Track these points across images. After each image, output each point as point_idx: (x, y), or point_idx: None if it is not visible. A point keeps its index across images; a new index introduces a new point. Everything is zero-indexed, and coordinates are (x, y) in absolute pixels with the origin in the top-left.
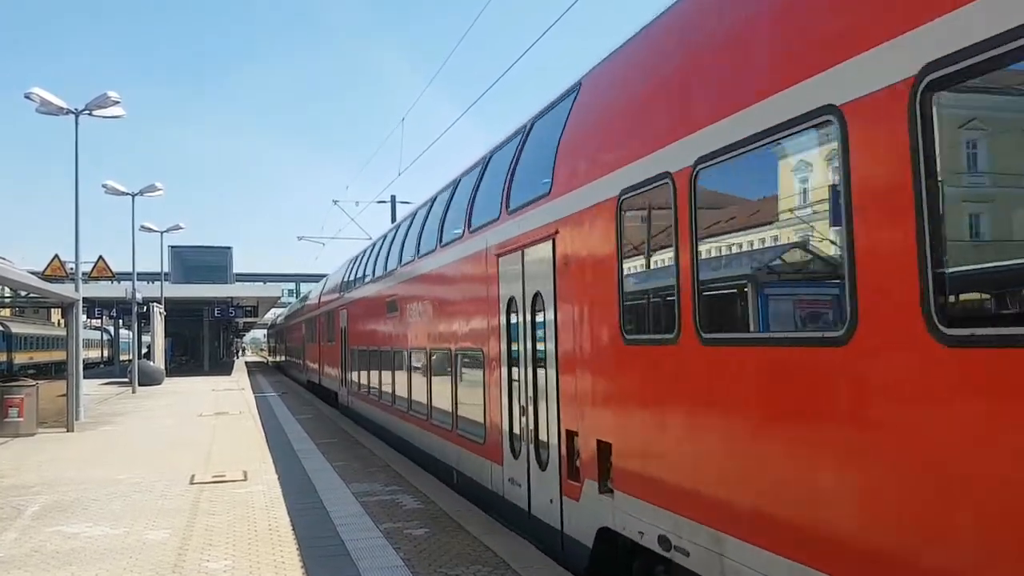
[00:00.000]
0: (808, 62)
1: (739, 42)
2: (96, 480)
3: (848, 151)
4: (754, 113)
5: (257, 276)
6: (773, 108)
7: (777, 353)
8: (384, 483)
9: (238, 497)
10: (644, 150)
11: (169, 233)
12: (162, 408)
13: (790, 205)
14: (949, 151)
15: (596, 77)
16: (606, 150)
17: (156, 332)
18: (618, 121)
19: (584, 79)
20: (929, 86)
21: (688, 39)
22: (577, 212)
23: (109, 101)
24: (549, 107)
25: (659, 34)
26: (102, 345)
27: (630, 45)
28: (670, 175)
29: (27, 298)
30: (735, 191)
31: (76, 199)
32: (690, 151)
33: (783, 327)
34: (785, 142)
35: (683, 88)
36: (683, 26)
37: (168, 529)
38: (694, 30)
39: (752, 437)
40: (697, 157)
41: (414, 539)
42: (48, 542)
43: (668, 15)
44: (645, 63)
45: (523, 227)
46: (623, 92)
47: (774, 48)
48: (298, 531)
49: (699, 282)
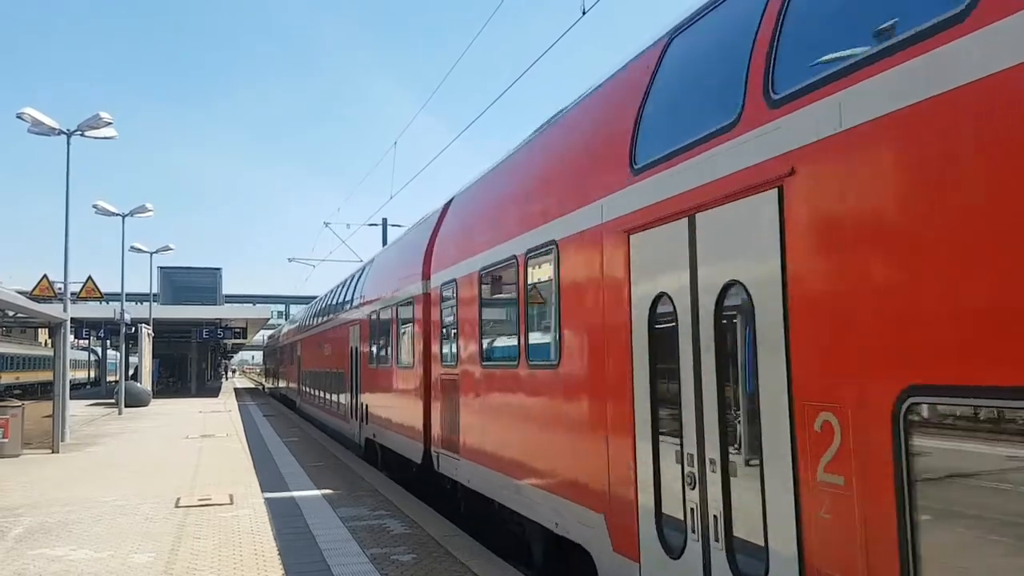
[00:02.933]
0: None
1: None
2: (81, 502)
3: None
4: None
5: (247, 298)
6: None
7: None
8: (371, 507)
9: (224, 521)
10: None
11: (159, 254)
12: (149, 430)
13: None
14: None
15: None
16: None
17: (144, 353)
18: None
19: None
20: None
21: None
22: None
23: (101, 122)
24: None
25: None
26: (89, 366)
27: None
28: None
29: (15, 318)
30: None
31: (67, 219)
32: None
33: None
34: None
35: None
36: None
37: (153, 553)
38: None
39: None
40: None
41: (401, 565)
42: (31, 565)
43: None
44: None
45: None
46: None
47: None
48: (284, 556)
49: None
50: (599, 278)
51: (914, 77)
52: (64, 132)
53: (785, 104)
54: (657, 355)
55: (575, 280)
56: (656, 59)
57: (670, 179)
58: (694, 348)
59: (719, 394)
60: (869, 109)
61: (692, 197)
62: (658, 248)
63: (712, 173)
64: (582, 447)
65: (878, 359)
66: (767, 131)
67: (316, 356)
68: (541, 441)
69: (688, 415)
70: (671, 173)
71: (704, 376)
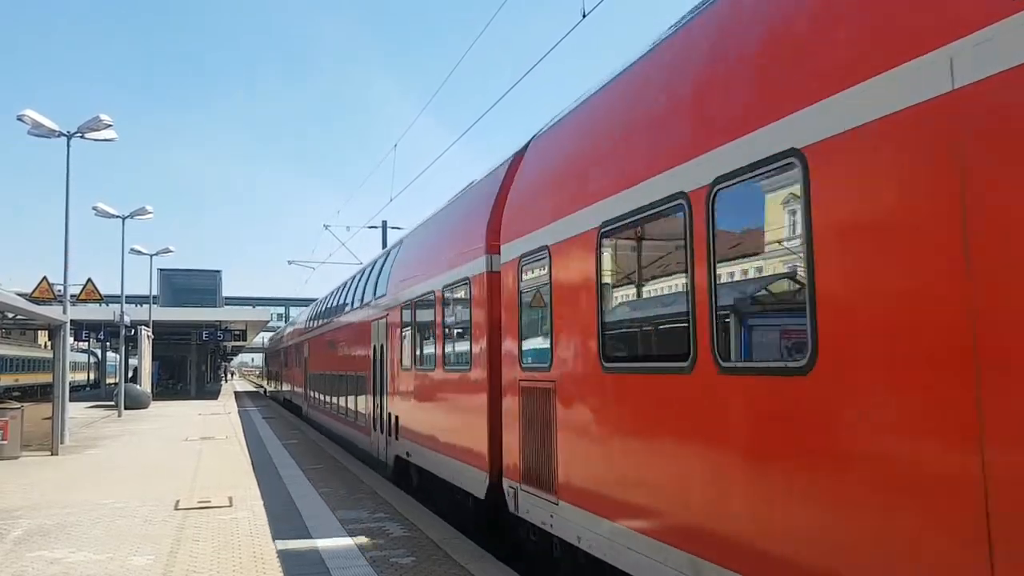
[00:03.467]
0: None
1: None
2: (80, 504)
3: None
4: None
5: (246, 300)
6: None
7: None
8: (371, 510)
9: (223, 523)
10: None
11: (158, 256)
12: (148, 432)
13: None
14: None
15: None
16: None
17: (143, 355)
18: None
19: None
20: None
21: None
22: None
23: (101, 124)
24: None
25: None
26: (88, 368)
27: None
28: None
29: (14, 320)
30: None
31: (67, 221)
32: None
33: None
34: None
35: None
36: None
37: (152, 555)
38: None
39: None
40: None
41: (400, 568)
42: (30, 567)
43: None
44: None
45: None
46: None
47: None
48: (283, 559)
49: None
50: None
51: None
52: (64, 134)
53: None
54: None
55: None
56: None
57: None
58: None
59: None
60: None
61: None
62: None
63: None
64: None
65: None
66: None
67: (328, 357)
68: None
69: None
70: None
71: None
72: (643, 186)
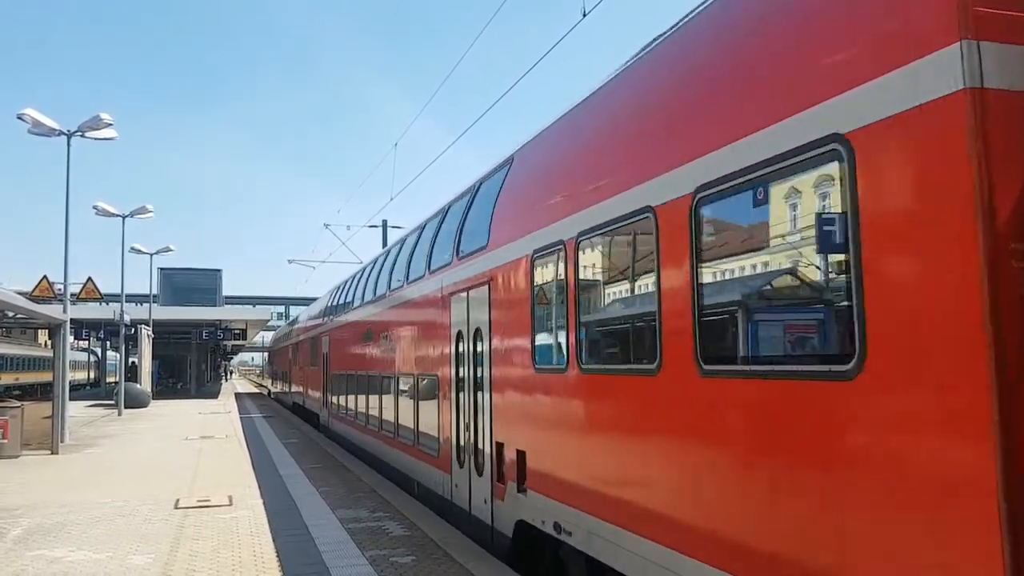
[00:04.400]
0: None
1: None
2: (80, 503)
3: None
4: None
5: (247, 299)
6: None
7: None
8: (370, 509)
9: (223, 522)
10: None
11: (159, 255)
12: (148, 431)
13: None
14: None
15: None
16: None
17: (143, 354)
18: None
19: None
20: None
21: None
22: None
23: (101, 123)
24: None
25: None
26: (88, 366)
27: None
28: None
29: (14, 319)
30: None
31: (67, 220)
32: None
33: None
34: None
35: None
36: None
37: (152, 554)
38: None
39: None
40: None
41: (400, 567)
42: (30, 566)
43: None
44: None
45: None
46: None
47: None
48: (283, 558)
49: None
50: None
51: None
52: (64, 133)
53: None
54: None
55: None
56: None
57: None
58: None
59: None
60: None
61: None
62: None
63: None
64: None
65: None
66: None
67: (362, 352)
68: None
69: None
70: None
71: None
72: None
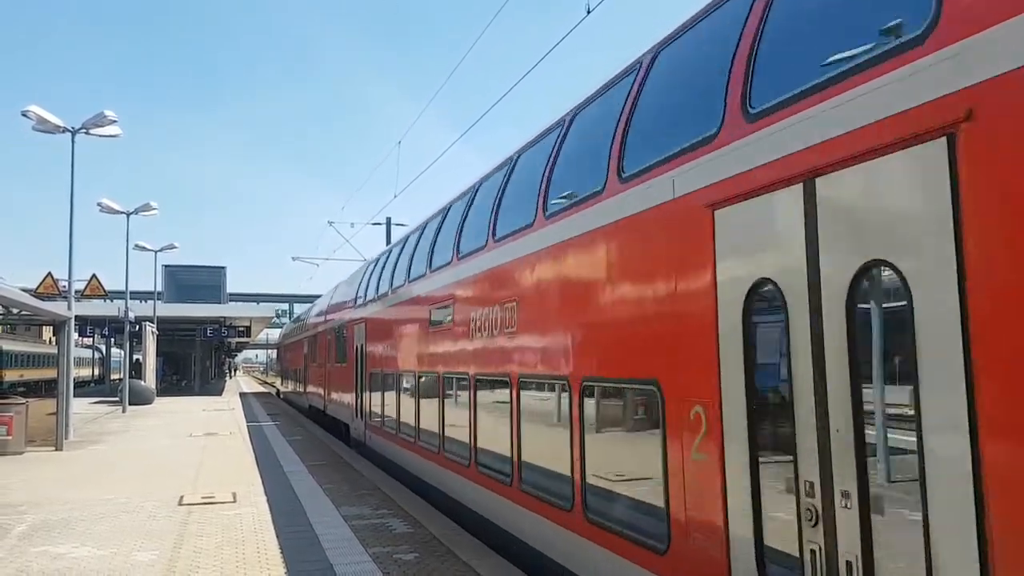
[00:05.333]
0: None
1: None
2: (84, 500)
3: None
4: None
5: (251, 296)
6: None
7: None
8: (374, 506)
9: (227, 519)
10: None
11: (163, 252)
12: (152, 428)
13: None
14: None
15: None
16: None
17: (148, 351)
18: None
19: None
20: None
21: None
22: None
23: (106, 120)
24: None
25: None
26: (93, 363)
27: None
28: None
29: (19, 315)
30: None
31: (71, 217)
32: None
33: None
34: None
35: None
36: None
37: (156, 551)
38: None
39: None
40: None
41: (404, 564)
42: (34, 562)
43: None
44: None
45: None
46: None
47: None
48: (287, 555)
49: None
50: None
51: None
52: (68, 130)
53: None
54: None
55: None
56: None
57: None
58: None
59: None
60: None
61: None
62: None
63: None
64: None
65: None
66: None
67: (431, 345)
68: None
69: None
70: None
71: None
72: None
